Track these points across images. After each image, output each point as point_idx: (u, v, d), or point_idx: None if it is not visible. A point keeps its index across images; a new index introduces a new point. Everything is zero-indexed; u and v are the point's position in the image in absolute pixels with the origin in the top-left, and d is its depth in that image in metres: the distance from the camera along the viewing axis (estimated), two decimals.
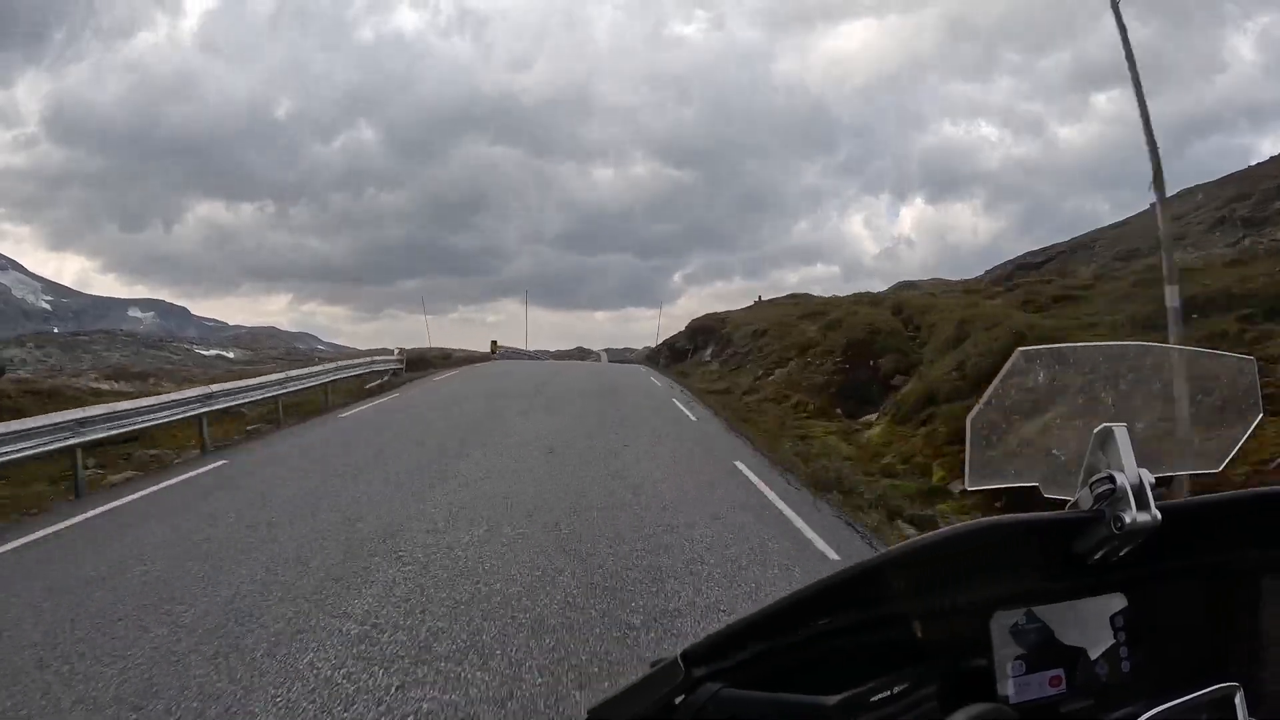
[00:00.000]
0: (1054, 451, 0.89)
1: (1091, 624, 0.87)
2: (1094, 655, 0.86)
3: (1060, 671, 0.85)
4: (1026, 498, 0.92)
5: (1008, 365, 0.88)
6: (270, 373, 15.42)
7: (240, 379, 13.82)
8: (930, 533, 0.83)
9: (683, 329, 33.43)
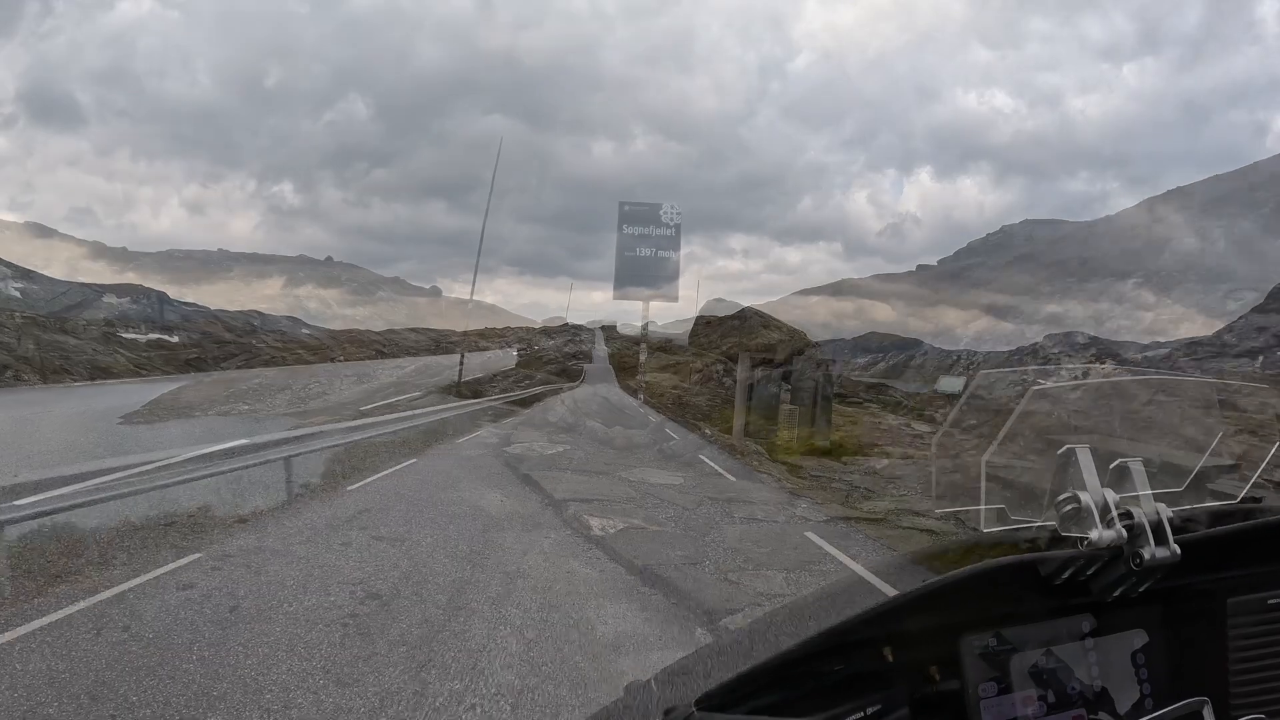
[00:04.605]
0: (1070, 489, 0.86)
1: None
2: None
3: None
4: None
5: (1021, 403, 0.84)
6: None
7: None
8: (947, 574, 0.80)
9: None
